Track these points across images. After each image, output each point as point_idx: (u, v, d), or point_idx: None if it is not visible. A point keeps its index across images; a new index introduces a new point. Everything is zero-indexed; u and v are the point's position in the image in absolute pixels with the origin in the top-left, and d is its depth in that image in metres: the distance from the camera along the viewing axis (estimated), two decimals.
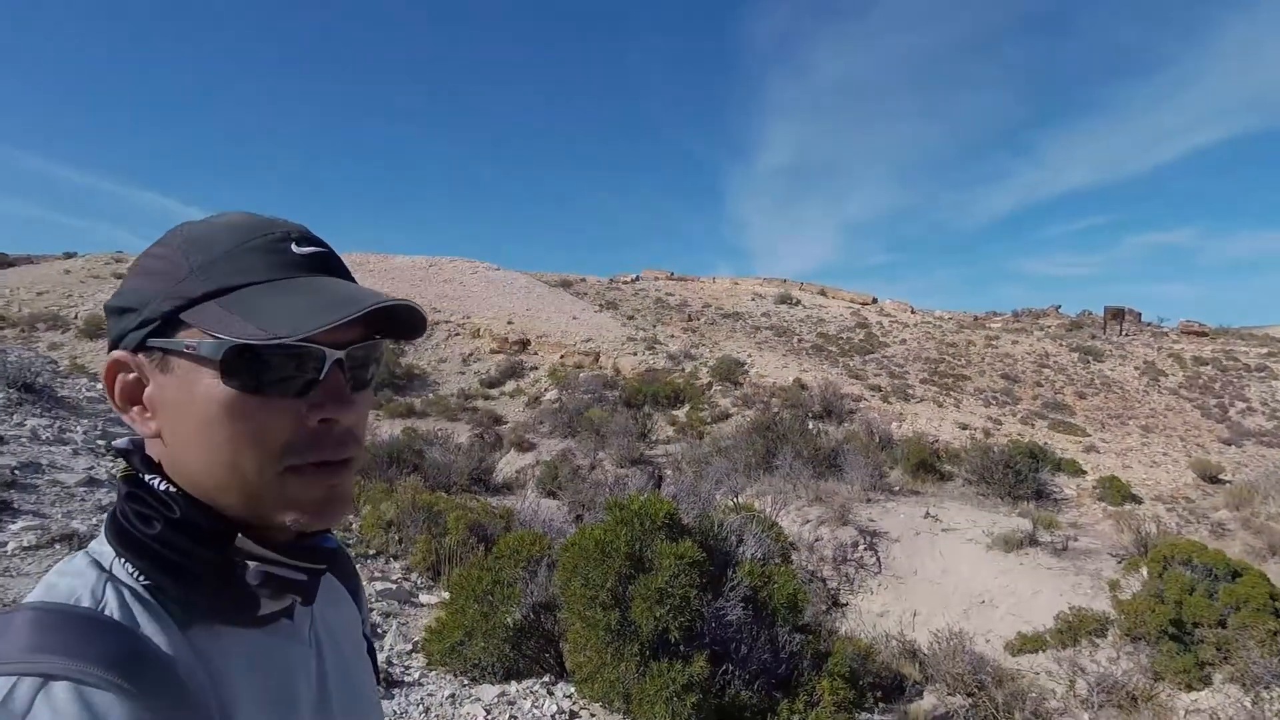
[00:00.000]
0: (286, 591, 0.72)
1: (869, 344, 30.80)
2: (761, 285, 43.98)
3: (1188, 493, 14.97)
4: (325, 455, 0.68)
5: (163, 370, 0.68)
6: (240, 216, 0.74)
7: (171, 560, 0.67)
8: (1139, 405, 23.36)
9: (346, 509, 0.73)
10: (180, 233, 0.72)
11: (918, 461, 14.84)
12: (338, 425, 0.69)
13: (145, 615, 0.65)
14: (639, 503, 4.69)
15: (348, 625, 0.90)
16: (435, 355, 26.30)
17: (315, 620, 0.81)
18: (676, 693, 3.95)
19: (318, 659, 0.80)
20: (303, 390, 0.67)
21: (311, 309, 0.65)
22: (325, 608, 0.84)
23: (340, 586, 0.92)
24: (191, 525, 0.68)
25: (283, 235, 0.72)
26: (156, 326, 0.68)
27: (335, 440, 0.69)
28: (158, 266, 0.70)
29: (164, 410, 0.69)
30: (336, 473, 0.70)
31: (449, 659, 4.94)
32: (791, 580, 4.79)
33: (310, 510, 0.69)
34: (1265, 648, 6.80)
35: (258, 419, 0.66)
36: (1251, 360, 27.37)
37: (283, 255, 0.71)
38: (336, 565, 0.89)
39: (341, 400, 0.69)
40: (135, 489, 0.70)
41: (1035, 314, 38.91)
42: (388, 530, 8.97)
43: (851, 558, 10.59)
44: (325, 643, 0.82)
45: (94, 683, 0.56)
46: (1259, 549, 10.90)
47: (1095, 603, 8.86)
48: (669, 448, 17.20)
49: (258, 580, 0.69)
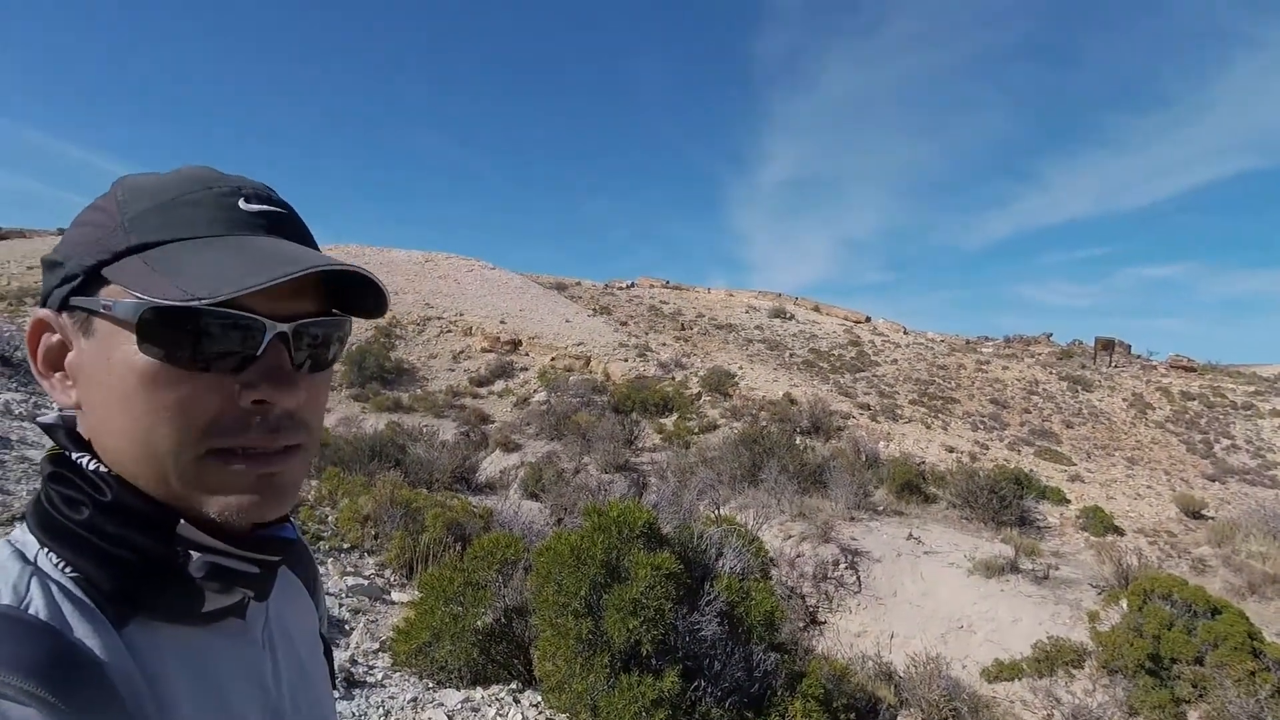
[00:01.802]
0: (237, 586, 0.64)
1: (860, 362, 30.83)
2: (756, 298, 44.03)
3: (1170, 527, 14.98)
4: (255, 441, 0.60)
5: (84, 333, 0.60)
6: (195, 169, 0.66)
7: (103, 550, 0.58)
8: (1125, 437, 23.44)
9: (285, 502, 0.64)
10: (124, 182, 0.64)
11: (903, 482, 14.79)
12: (274, 409, 0.61)
13: (75, 613, 0.56)
14: (618, 510, 4.60)
15: (304, 624, 0.81)
16: (426, 351, 26.14)
17: (269, 618, 0.72)
18: (645, 707, 3.85)
19: (272, 661, 0.71)
20: (238, 367, 0.60)
21: (240, 269, 0.57)
22: (280, 604, 0.75)
23: (296, 580, 0.83)
24: (126, 510, 0.59)
25: (231, 189, 0.64)
26: (80, 283, 0.59)
27: (270, 425, 0.61)
28: (93, 218, 0.62)
29: (83, 378, 0.61)
30: (271, 461, 0.61)
31: (415, 660, 4.81)
32: (769, 597, 4.70)
33: (237, 501, 0.60)
34: (1242, 687, 6.75)
35: (177, 393, 0.58)
36: (1238, 398, 27.52)
37: (227, 211, 0.62)
38: (293, 557, 0.80)
39: (280, 380, 0.61)
40: (62, 469, 0.61)
41: (1026, 341, 39.07)
42: (364, 525, 8.84)
43: (832, 576, 10.51)
44: (280, 643, 0.73)
45: (11, 695, 0.48)
46: (1239, 587, 10.89)
47: (1074, 633, 8.81)
48: (655, 456, 17.10)
49: (203, 572, 0.61)
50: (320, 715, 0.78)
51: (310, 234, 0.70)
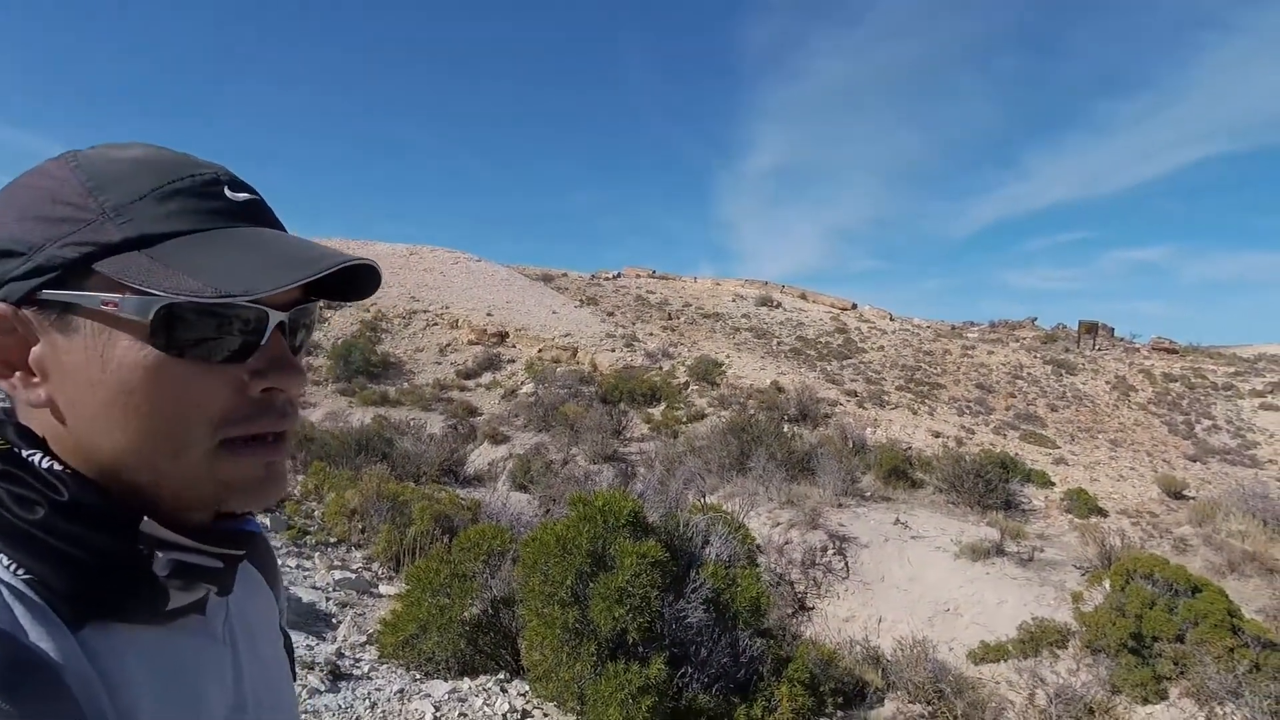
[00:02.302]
0: (200, 582, 0.63)
1: (847, 349, 30.97)
2: (743, 286, 44.06)
3: (1152, 507, 15.19)
4: (269, 426, 0.62)
5: (61, 329, 0.57)
6: (145, 150, 0.63)
7: (59, 550, 0.56)
8: (1109, 419, 23.71)
9: (283, 488, 0.65)
10: (71, 163, 0.60)
11: (890, 468, 14.89)
12: (281, 395, 0.63)
13: (29, 617, 0.54)
14: (603, 500, 4.59)
15: (266, 619, 0.80)
16: (412, 344, 26.00)
17: (229, 613, 0.71)
18: (632, 694, 3.86)
19: (233, 658, 0.69)
20: (240, 355, 0.60)
21: (264, 265, 0.58)
22: (240, 598, 0.73)
23: (256, 573, 0.81)
24: (83, 509, 0.57)
25: (212, 178, 0.63)
26: (55, 277, 0.56)
27: (279, 411, 0.63)
28: (44, 205, 0.58)
29: (62, 377, 0.58)
30: (274, 449, 0.63)
31: (402, 652, 4.81)
32: (755, 584, 4.72)
33: (250, 491, 0.62)
34: (1221, 664, 6.86)
35: (191, 386, 0.58)
36: (1219, 379, 27.89)
37: (216, 201, 0.62)
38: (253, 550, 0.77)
39: (286, 367, 0.62)
40: (11, 468, 0.58)
41: (1011, 325, 39.36)
42: (351, 519, 8.80)
43: (820, 562, 10.57)
44: (241, 640, 0.72)
45: None
46: (1219, 565, 11.05)
47: (1058, 614, 8.92)
48: (643, 445, 17.12)
49: (168, 570, 0.59)
50: (282, 709, 0.77)
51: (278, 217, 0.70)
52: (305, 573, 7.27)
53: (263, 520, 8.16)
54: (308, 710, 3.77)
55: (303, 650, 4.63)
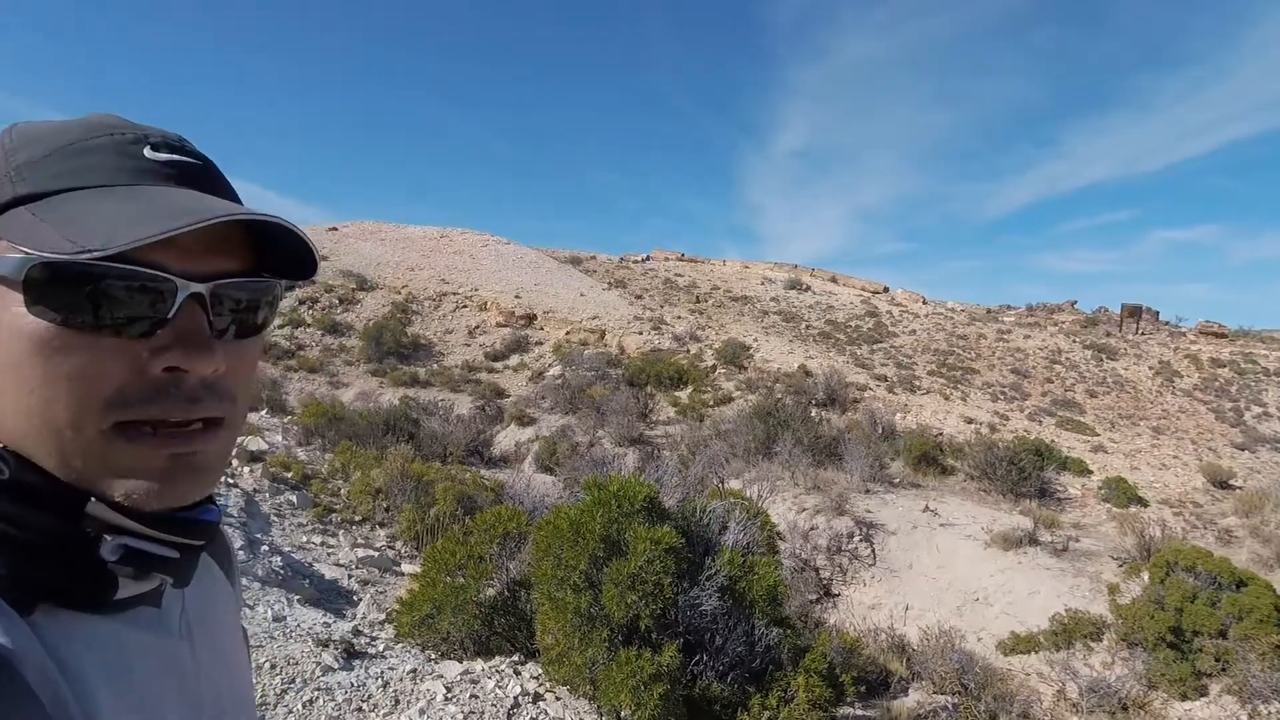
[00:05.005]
0: (154, 571, 0.59)
1: (877, 333, 30.42)
2: (772, 270, 43.52)
3: (1196, 497, 14.67)
4: (167, 413, 0.55)
5: None
6: (100, 116, 0.60)
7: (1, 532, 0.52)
8: (1151, 406, 22.96)
9: (205, 484, 0.58)
10: (16, 129, 0.59)
11: (920, 454, 14.60)
12: (189, 377, 0.56)
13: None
14: (618, 484, 4.51)
15: (223, 612, 0.75)
16: (442, 326, 26.20)
17: (185, 606, 0.66)
18: (644, 681, 3.79)
19: (191, 653, 0.65)
20: (148, 331, 0.54)
21: (139, 218, 0.51)
22: (197, 591, 0.68)
23: (213, 565, 0.76)
24: (24, 488, 0.53)
25: (136, 137, 0.58)
26: None
27: (185, 395, 0.56)
28: None
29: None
30: (189, 440, 0.56)
31: (418, 632, 4.81)
32: (773, 572, 4.61)
33: (147, 483, 0.55)
34: (1266, 661, 6.59)
35: (75, 360, 0.52)
36: (1271, 364, 26.79)
37: (130, 159, 0.57)
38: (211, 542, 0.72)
39: (195, 345, 0.56)
40: None
41: (1050, 309, 38.26)
42: (375, 498, 8.89)
43: (846, 548, 10.41)
44: (199, 634, 0.67)
45: None
46: (1266, 558, 10.63)
47: (1093, 606, 8.66)
48: (669, 429, 17.04)
49: (116, 556, 0.56)
50: (241, 705, 0.73)
51: (231, 188, 0.64)
52: (329, 549, 7.36)
53: (290, 497, 8.28)
54: (320, 687, 3.78)
55: (319, 627, 4.66)
